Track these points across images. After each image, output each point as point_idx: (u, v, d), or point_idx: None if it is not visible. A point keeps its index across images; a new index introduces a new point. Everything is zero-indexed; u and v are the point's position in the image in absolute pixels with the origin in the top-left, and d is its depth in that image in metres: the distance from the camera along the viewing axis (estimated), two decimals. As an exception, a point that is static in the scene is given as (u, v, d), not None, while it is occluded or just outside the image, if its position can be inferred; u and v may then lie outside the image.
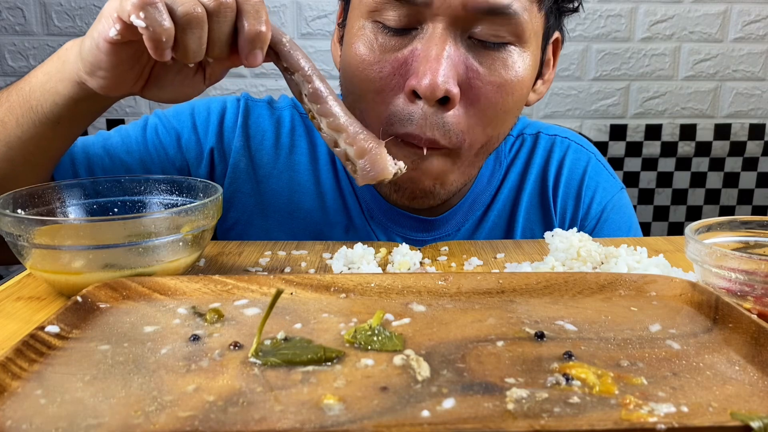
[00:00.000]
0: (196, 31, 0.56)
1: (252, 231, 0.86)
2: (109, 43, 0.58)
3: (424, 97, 0.66)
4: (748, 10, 2.00)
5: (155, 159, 0.83)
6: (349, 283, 0.54)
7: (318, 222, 0.85)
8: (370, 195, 0.85)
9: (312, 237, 0.85)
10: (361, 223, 0.85)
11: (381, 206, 0.85)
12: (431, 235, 0.86)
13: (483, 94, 0.68)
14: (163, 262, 0.57)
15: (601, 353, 0.43)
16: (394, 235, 0.85)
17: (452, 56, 0.66)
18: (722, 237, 0.60)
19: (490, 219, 0.88)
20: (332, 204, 0.86)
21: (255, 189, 0.86)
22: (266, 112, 0.89)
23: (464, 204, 0.87)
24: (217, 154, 0.86)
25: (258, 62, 0.60)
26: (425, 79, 0.65)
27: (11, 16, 1.93)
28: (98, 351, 0.43)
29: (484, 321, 0.48)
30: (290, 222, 0.86)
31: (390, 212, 0.85)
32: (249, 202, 0.86)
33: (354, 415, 0.35)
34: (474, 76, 0.68)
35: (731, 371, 0.41)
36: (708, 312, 0.49)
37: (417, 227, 0.85)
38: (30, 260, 0.57)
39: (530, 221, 0.89)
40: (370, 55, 0.69)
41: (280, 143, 0.87)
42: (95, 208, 0.68)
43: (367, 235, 0.85)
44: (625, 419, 0.35)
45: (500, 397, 0.37)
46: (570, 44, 2.00)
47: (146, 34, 0.55)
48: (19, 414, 0.35)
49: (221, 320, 0.48)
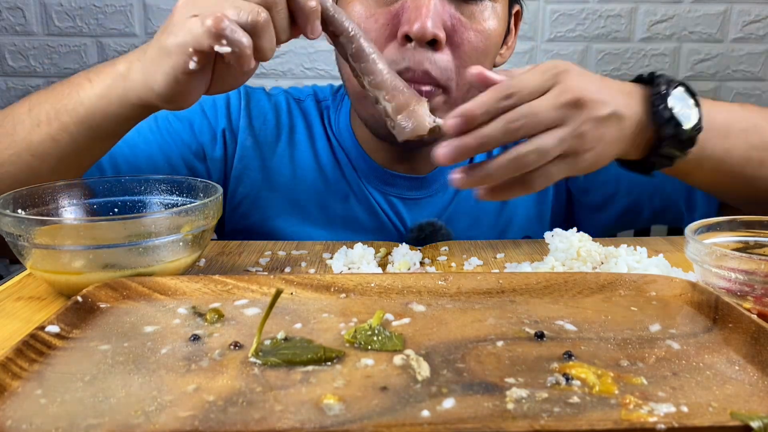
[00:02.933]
0: (267, 32, 0.61)
1: (260, 204, 0.92)
2: (188, 74, 0.61)
3: (416, 39, 0.74)
4: (748, 10, 2.00)
5: (172, 145, 0.88)
6: (349, 283, 0.54)
7: (320, 192, 0.92)
8: (364, 162, 0.91)
9: (316, 207, 0.91)
10: (359, 189, 0.91)
11: (376, 172, 0.91)
12: (424, 193, 0.92)
13: (466, 38, 0.78)
14: (163, 262, 0.57)
15: (601, 353, 0.43)
16: (390, 196, 0.91)
17: (437, 6, 0.74)
18: (722, 237, 0.60)
19: None
20: (331, 175, 0.92)
21: (261, 165, 0.92)
22: (264, 97, 0.96)
23: None
24: (228, 134, 0.92)
25: (318, 32, 0.65)
26: (416, 24, 0.73)
27: (11, 16, 1.93)
28: (98, 351, 0.43)
29: (484, 321, 0.48)
30: (294, 195, 0.92)
31: (385, 176, 0.91)
32: (257, 178, 0.93)
33: (354, 415, 0.35)
34: (457, 24, 0.77)
35: (731, 371, 0.41)
36: (708, 312, 0.49)
37: (410, 186, 0.91)
38: (30, 260, 0.57)
39: None
40: (365, 10, 0.78)
41: (280, 123, 0.94)
42: (95, 208, 0.68)
43: (365, 200, 0.91)
44: (625, 419, 0.35)
45: (500, 397, 0.37)
46: (570, 44, 2.00)
47: (233, 56, 0.59)
48: (20, 414, 0.35)
49: (221, 320, 0.48)
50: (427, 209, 0.91)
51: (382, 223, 0.91)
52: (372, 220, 0.91)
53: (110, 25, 1.93)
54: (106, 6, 1.92)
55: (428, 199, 0.91)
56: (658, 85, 0.68)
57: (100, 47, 1.95)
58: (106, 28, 1.94)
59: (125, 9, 1.92)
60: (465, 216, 0.91)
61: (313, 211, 0.91)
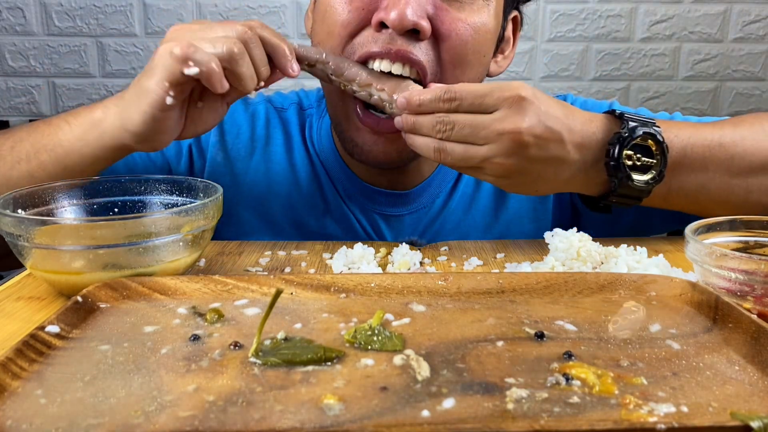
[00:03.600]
0: (243, 60, 0.63)
1: (232, 221, 0.89)
2: (164, 111, 0.63)
3: (393, 27, 0.69)
4: (748, 10, 2.00)
5: (137, 159, 0.86)
6: (349, 283, 0.54)
7: (295, 207, 0.88)
8: (345, 176, 0.87)
9: (290, 224, 0.88)
10: (337, 205, 0.87)
11: (356, 186, 0.87)
12: (407, 209, 0.88)
13: (454, 29, 0.72)
14: (163, 262, 0.57)
15: (601, 353, 0.43)
16: (371, 212, 0.87)
17: None
18: (722, 237, 0.60)
19: (460, 189, 0.89)
20: (308, 189, 0.88)
21: (233, 181, 0.88)
22: (240, 108, 0.92)
23: (437, 175, 0.88)
24: (195, 150, 0.89)
25: (298, 70, 0.68)
26: (393, 11, 0.67)
27: (11, 16, 1.93)
28: (98, 351, 0.43)
29: (484, 321, 0.48)
30: (268, 210, 0.88)
31: (365, 190, 0.87)
32: (227, 195, 0.88)
33: (354, 415, 0.35)
34: (444, 14, 0.71)
35: (731, 371, 0.41)
36: (708, 312, 0.49)
37: (393, 202, 0.87)
38: (30, 260, 0.57)
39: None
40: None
41: (255, 136, 0.90)
42: (95, 208, 0.68)
43: (343, 216, 0.87)
44: (625, 419, 0.35)
45: (500, 397, 0.37)
46: (570, 44, 2.00)
47: (202, 75, 0.61)
48: (20, 414, 0.35)
49: (221, 320, 0.48)
50: (410, 226, 0.88)
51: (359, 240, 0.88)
52: (348, 238, 0.86)
53: (110, 25, 1.94)
54: (106, 6, 1.92)
55: (411, 215, 0.87)
56: (618, 134, 0.67)
57: (100, 47, 1.95)
58: (106, 28, 1.94)
59: (125, 9, 1.93)
60: (450, 233, 0.87)
61: (286, 228, 0.88)
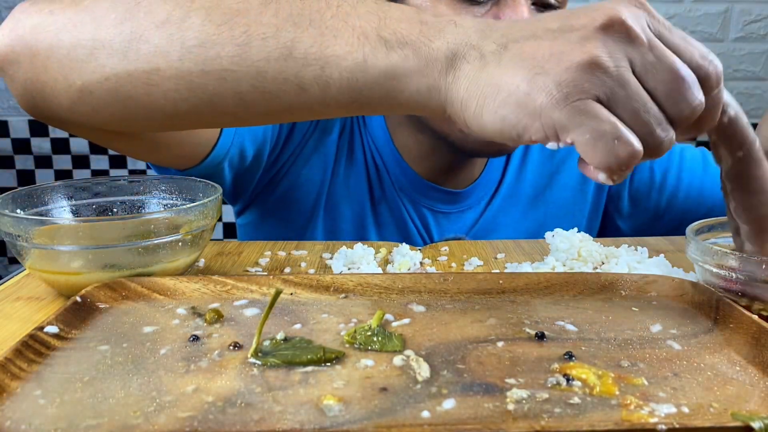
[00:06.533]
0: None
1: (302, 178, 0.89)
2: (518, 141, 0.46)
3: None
4: (749, 10, 2.00)
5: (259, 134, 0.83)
6: (349, 283, 0.54)
7: (353, 192, 0.91)
8: (400, 170, 0.89)
9: (347, 206, 0.90)
10: (391, 196, 0.90)
11: (410, 179, 0.89)
12: (456, 207, 0.91)
13: None
14: (162, 262, 0.57)
15: (602, 354, 0.43)
16: (421, 206, 0.90)
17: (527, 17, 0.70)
18: (723, 237, 0.60)
19: (503, 189, 0.93)
20: (364, 176, 0.90)
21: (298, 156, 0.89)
22: None
23: (484, 176, 0.92)
24: (285, 134, 0.87)
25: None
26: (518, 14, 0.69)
27: (11, 16, 1.93)
28: (97, 351, 0.43)
29: (484, 321, 0.48)
30: (328, 190, 0.90)
31: (420, 186, 0.89)
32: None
33: (353, 415, 0.35)
34: None
35: (732, 372, 0.40)
36: (709, 312, 0.49)
37: (444, 199, 0.90)
38: (29, 260, 0.57)
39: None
40: (450, 10, 0.71)
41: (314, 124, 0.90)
42: (95, 208, 0.68)
43: (396, 207, 0.90)
44: (626, 420, 0.34)
45: (500, 397, 0.37)
46: (570, 44, 2.00)
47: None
48: (19, 414, 0.35)
49: (221, 320, 0.48)
50: (456, 224, 0.91)
51: (408, 232, 0.90)
52: (400, 227, 0.90)
53: (110, 24, 1.93)
54: (106, 6, 1.92)
55: (458, 214, 0.91)
56: None
57: (100, 47, 1.95)
58: (106, 28, 1.93)
59: (125, 9, 1.92)
60: (493, 232, 0.91)
61: (345, 212, 0.90)
